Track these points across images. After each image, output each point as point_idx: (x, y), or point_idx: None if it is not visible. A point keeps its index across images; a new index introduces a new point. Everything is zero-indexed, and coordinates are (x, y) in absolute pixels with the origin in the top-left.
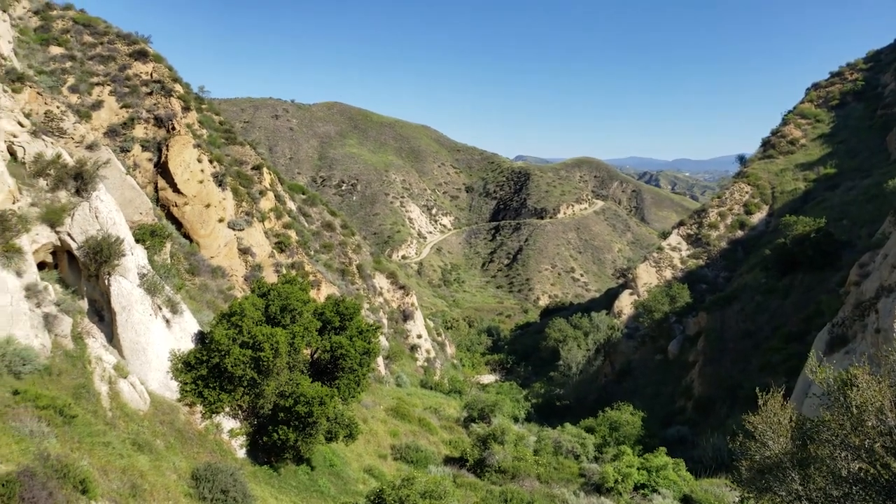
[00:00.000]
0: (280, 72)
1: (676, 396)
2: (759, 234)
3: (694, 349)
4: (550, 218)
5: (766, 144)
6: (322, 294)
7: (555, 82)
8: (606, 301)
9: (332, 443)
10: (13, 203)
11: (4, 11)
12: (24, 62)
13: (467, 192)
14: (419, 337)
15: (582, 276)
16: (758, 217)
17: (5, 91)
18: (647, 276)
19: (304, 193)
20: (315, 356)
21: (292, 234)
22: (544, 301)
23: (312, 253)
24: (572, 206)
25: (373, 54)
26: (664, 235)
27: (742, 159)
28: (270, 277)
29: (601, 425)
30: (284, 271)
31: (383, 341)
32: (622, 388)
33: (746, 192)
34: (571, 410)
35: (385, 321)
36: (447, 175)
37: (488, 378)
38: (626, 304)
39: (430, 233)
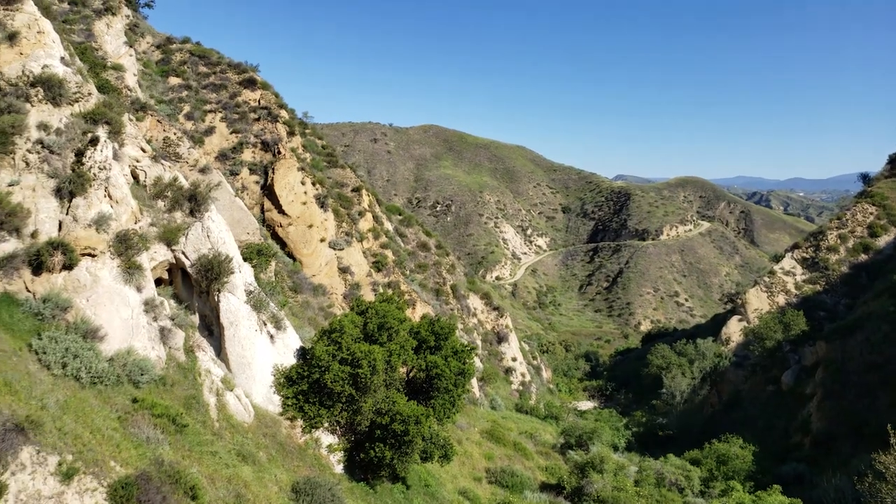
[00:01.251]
0: (379, 96)
1: (792, 431)
2: (886, 258)
3: (811, 381)
4: (653, 239)
5: (895, 161)
6: (417, 313)
7: (656, 99)
8: (713, 327)
9: (428, 463)
10: (135, 223)
11: (131, 47)
12: (146, 93)
13: (564, 212)
14: (514, 360)
15: (686, 300)
16: (884, 240)
17: (131, 120)
18: (758, 302)
19: (400, 214)
20: (411, 375)
21: (389, 253)
22: (646, 326)
23: (408, 272)
24: (676, 227)
25: (468, 76)
26: (776, 259)
27: (866, 178)
28: (368, 296)
29: (708, 458)
30: (381, 290)
31: (477, 363)
32: (730, 419)
33: (871, 213)
34: (675, 441)
35: (479, 342)
36: (543, 195)
37: (586, 404)
38: (734, 330)
39: (525, 254)
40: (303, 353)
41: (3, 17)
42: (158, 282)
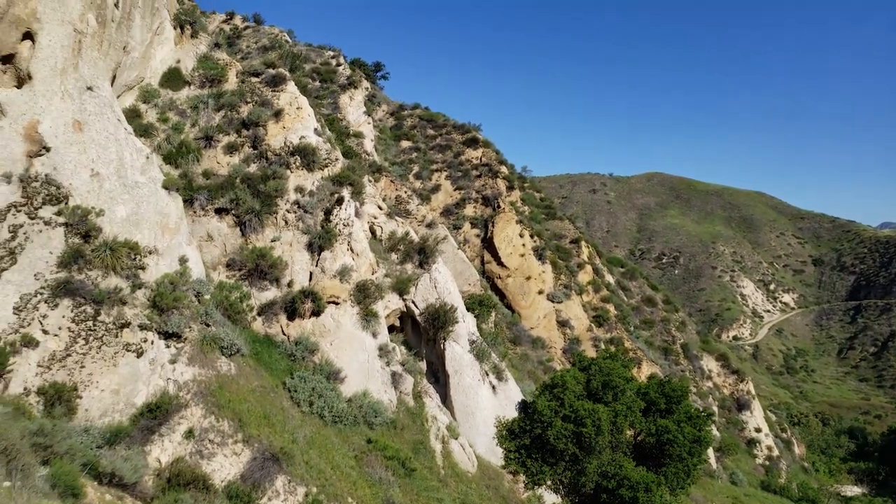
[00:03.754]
0: (598, 147)
1: None
2: None
3: None
4: None
5: None
6: (643, 373)
7: None
8: None
9: None
10: (372, 274)
11: (369, 115)
12: (381, 156)
13: (815, 265)
14: (758, 430)
15: None
16: None
17: (369, 181)
18: None
19: (622, 266)
20: (638, 438)
21: (610, 308)
22: None
23: (632, 328)
24: None
25: (695, 121)
26: None
27: None
28: (588, 351)
29: None
30: (603, 346)
31: (714, 431)
32: None
33: None
34: None
35: (715, 409)
36: (788, 246)
37: (852, 489)
38: None
39: (768, 311)
40: (524, 407)
41: (271, 98)
42: (391, 329)
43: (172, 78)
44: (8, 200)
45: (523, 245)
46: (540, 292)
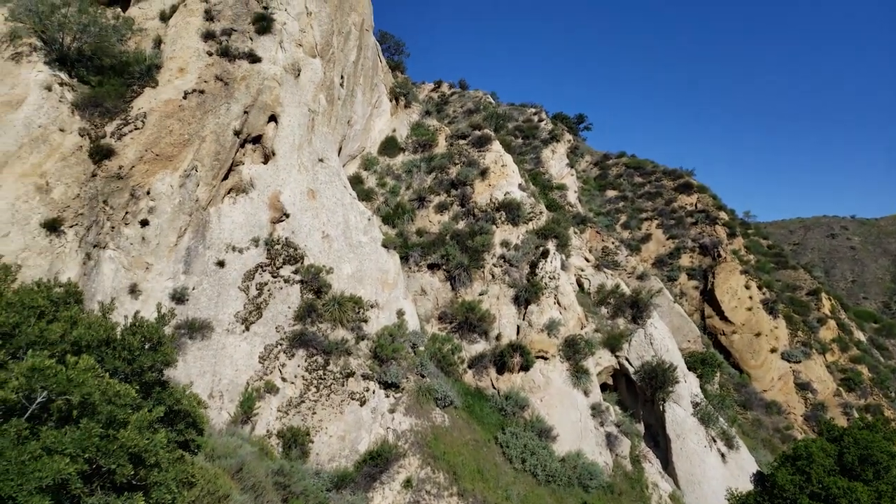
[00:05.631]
0: (835, 187)
1: None
2: None
3: None
4: None
5: None
6: None
7: None
8: None
9: None
10: (581, 329)
11: (572, 167)
12: (585, 207)
13: None
14: None
15: None
16: None
17: (575, 233)
18: None
19: (875, 322)
20: None
21: (863, 369)
22: None
23: (893, 395)
24: None
25: None
26: None
27: None
28: (837, 419)
29: None
30: (856, 414)
31: None
32: None
33: None
34: None
35: None
36: None
37: None
38: None
39: None
40: (760, 479)
41: (477, 157)
42: (603, 387)
43: (389, 146)
44: (256, 262)
45: (750, 297)
46: (772, 350)
